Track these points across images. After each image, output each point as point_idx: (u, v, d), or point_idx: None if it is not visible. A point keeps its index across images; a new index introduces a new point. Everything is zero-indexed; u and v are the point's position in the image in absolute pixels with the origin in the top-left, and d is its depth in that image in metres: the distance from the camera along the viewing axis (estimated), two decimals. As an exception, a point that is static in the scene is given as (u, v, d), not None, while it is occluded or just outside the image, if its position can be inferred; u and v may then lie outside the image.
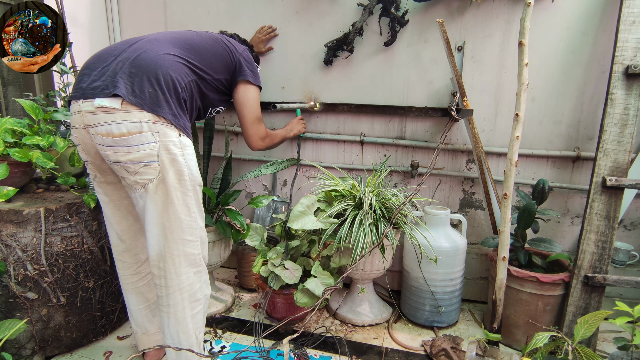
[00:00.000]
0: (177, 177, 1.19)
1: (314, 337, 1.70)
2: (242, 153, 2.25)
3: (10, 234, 1.39)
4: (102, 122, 1.13)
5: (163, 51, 1.24)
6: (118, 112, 1.12)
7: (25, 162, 1.48)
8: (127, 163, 1.15)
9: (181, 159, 1.19)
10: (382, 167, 1.82)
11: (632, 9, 1.53)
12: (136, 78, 1.14)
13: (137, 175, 1.17)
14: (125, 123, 1.12)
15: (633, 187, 1.50)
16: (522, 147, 1.84)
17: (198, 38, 1.41)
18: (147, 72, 1.16)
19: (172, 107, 1.19)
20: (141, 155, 1.15)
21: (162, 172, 1.17)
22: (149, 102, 1.14)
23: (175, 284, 1.24)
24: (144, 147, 1.14)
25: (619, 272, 1.77)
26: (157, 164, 1.16)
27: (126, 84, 1.13)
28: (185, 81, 1.27)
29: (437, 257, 1.69)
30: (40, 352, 1.50)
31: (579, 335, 1.20)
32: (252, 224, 1.82)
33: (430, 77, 1.91)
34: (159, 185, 1.18)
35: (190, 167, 1.22)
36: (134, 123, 1.13)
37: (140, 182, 1.17)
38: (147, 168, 1.16)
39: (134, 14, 2.26)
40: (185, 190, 1.21)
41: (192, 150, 1.25)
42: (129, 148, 1.14)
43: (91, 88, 1.15)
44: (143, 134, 1.14)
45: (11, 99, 2.10)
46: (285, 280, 1.61)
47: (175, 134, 1.19)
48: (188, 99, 1.29)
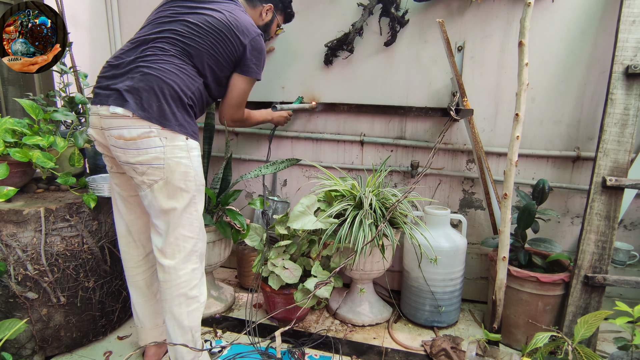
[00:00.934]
0: (182, 178, 1.26)
1: (313, 337, 1.70)
2: (242, 153, 2.25)
3: (10, 233, 1.39)
4: (115, 126, 1.21)
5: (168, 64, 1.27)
6: (130, 119, 1.20)
7: (25, 162, 1.48)
8: (135, 164, 1.22)
9: (187, 161, 1.26)
10: (382, 167, 1.82)
11: (632, 9, 1.53)
12: (144, 93, 1.21)
13: (144, 176, 1.23)
14: (136, 128, 1.20)
15: (633, 187, 1.50)
16: (522, 147, 1.84)
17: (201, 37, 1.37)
18: (153, 87, 1.22)
19: (178, 117, 1.25)
20: (148, 157, 1.21)
21: (167, 174, 1.23)
22: (156, 116, 1.21)
23: (173, 278, 1.29)
24: (151, 150, 1.21)
25: (619, 272, 1.77)
26: (162, 166, 1.22)
27: (135, 99, 1.20)
28: (192, 89, 1.32)
29: (437, 257, 1.69)
30: (40, 352, 1.50)
31: (579, 335, 1.20)
32: (252, 225, 1.82)
33: (430, 77, 1.91)
34: (164, 186, 1.24)
35: (195, 168, 1.29)
36: (144, 128, 1.20)
37: (147, 182, 1.24)
38: (153, 170, 1.22)
39: (134, 14, 2.26)
40: (190, 190, 1.28)
41: (198, 152, 1.31)
42: (138, 151, 1.21)
43: (106, 95, 1.23)
44: (152, 139, 1.21)
45: (11, 99, 2.10)
46: (285, 280, 1.61)
47: (182, 138, 1.25)
48: (196, 102, 1.35)
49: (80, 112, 1.79)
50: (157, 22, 1.36)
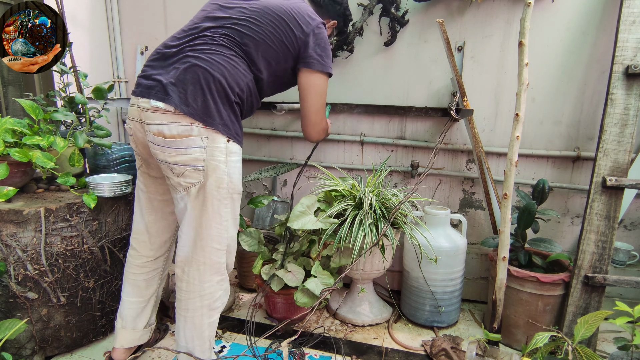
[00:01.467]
0: (216, 185, 1.19)
1: (313, 337, 1.70)
2: (242, 153, 2.25)
3: (10, 234, 1.39)
4: (155, 121, 1.15)
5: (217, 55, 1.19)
6: (171, 115, 1.13)
7: (25, 162, 1.48)
8: (173, 164, 1.16)
9: (224, 166, 1.19)
10: (382, 167, 1.82)
11: (632, 9, 1.53)
12: (189, 86, 1.13)
13: (181, 178, 1.17)
14: (176, 125, 1.13)
15: (633, 187, 1.50)
16: (522, 147, 1.84)
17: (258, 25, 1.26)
18: (199, 80, 1.14)
19: (223, 116, 1.17)
20: (188, 158, 1.15)
21: (205, 178, 1.17)
22: (200, 113, 1.13)
23: (197, 289, 1.24)
24: (191, 150, 1.14)
25: (619, 272, 1.77)
26: (202, 168, 1.16)
27: (180, 92, 1.12)
28: (241, 85, 1.22)
29: (437, 257, 1.69)
30: (40, 352, 1.50)
31: (579, 335, 1.20)
32: (245, 230, 1.79)
33: (430, 77, 1.91)
34: (200, 191, 1.18)
35: (230, 174, 1.21)
36: (185, 126, 1.13)
37: (184, 185, 1.18)
38: (192, 172, 1.16)
39: (134, 14, 2.26)
40: (222, 199, 1.21)
41: (237, 157, 1.24)
42: (176, 150, 1.14)
43: (148, 86, 1.16)
44: (192, 138, 1.14)
45: (11, 99, 2.10)
46: (288, 284, 1.61)
47: (223, 140, 1.18)
48: (245, 100, 1.26)
49: (80, 112, 1.79)
50: (212, 9, 1.28)
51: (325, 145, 2.12)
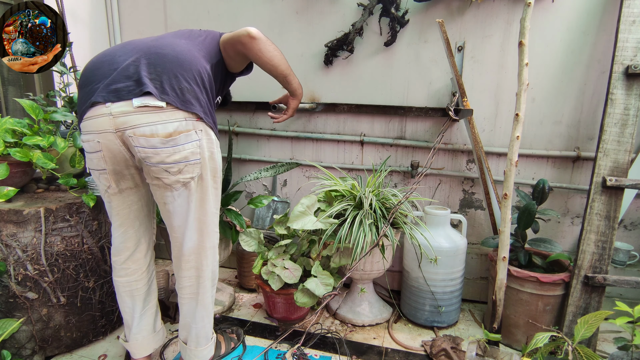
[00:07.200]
0: (212, 174, 1.24)
1: (313, 337, 1.70)
2: (242, 153, 2.25)
3: (11, 234, 1.39)
4: (145, 123, 1.07)
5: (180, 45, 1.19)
6: (163, 111, 1.08)
7: (26, 162, 1.48)
8: (171, 164, 1.12)
9: (217, 156, 1.24)
10: (382, 167, 1.82)
11: (632, 9, 1.53)
12: (164, 76, 1.10)
13: (179, 175, 1.15)
14: (171, 122, 1.09)
15: (633, 187, 1.50)
16: (522, 147, 1.84)
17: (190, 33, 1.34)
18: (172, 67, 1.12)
19: (202, 103, 1.17)
20: (186, 154, 1.13)
21: (202, 169, 1.19)
22: (181, 100, 1.10)
23: (206, 273, 1.32)
24: (188, 145, 1.13)
25: (619, 272, 1.77)
26: (199, 161, 1.17)
27: (154, 82, 1.08)
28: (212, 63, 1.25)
29: (437, 257, 1.69)
30: (40, 352, 1.50)
31: (579, 336, 1.20)
32: (245, 230, 1.79)
33: (430, 77, 1.91)
34: (199, 182, 1.20)
35: (219, 163, 1.28)
36: (179, 122, 1.11)
37: (182, 181, 1.16)
38: (191, 166, 1.16)
39: (134, 14, 2.26)
40: (217, 186, 1.28)
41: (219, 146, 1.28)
42: (174, 148, 1.11)
43: (116, 89, 1.08)
44: (189, 133, 1.13)
45: (11, 99, 2.10)
46: (286, 280, 1.61)
47: (212, 132, 1.22)
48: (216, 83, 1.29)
49: (80, 112, 1.79)
50: None
51: (326, 145, 2.12)
